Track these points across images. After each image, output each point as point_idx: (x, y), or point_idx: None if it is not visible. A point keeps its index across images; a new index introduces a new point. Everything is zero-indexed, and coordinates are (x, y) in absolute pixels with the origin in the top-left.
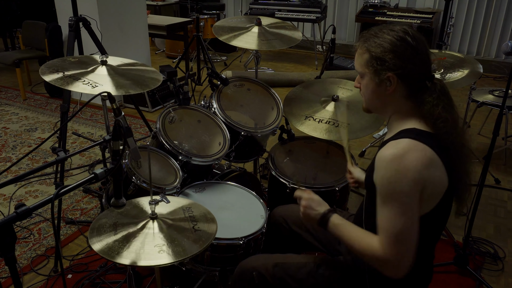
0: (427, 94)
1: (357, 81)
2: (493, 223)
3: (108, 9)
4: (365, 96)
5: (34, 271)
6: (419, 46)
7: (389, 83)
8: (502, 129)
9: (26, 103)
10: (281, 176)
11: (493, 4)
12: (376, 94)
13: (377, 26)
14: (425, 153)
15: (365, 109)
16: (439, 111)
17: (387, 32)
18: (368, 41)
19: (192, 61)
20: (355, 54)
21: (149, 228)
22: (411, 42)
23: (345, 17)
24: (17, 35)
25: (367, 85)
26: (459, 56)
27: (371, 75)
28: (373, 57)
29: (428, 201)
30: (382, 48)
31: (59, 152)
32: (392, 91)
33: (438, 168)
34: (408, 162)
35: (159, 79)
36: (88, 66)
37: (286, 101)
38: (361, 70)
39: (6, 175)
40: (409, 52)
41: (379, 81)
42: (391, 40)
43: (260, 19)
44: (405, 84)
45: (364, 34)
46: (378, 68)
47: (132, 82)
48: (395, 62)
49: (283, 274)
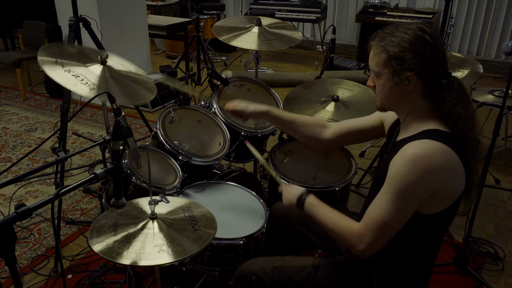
0: (445, 93)
1: (371, 80)
2: (493, 223)
3: (108, 9)
4: (380, 95)
5: (34, 271)
6: (436, 44)
7: (407, 82)
8: (502, 129)
9: (26, 103)
10: (281, 176)
11: (493, 4)
12: (393, 93)
13: (391, 25)
14: (447, 156)
15: (380, 108)
16: (458, 110)
17: (404, 31)
18: (385, 40)
19: (192, 61)
20: (369, 53)
21: (149, 228)
22: (429, 41)
23: (345, 17)
24: (17, 35)
25: (384, 84)
26: (459, 56)
27: (390, 75)
28: (392, 56)
29: (440, 202)
30: (401, 48)
31: (59, 152)
32: (410, 90)
33: (459, 171)
34: (429, 164)
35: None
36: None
37: (286, 101)
38: (378, 69)
39: (6, 175)
40: (428, 50)
41: (398, 80)
42: (410, 39)
43: (260, 19)
44: (423, 83)
45: (378, 33)
46: (397, 68)
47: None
48: (415, 61)
49: (282, 277)
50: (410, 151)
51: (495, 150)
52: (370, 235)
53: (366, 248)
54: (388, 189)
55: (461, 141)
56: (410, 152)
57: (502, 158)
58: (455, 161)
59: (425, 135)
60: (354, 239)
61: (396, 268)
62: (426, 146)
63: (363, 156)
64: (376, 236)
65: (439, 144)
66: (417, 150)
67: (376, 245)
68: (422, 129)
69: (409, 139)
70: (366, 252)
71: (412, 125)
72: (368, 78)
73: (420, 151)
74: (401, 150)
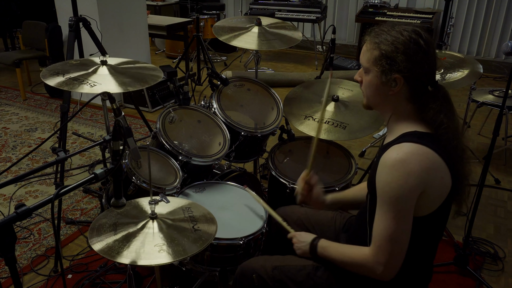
0: (431, 100)
1: (358, 74)
2: (493, 223)
3: (108, 9)
4: (365, 92)
5: (34, 271)
6: (429, 50)
7: (394, 84)
8: (502, 129)
9: (26, 103)
10: (281, 176)
11: (493, 4)
12: (378, 92)
13: (388, 23)
14: (427, 156)
15: (366, 106)
16: (441, 118)
17: (400, 31)
18: (379, 37)
19: (192, 61)
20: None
21: (149, 228)
22: (423, 46)
23: (345, 17)
24: (17, 35)
25: (370, 81)
26: (459, 56)
27: (378, 73)
28: (383, 55)
29: (429, 203)
30: (393, 48)
31: (59, 152)
32: (395, 92)
33: (442, 171)
34: (410, 167)
35: (159, 76)
36: (89, 68)
37: (286, 101)
38: (368, 65)
39: (6, 175)
40: (420, 56)
41: (385, 80)
42: (404, 41)
43: (260, 19)
44: (410, 86)
45: (374, 29)
46: (386, 67)
47: (134, 80)
48: (406, 64)
49: (283, 276)
50: (390, 158)
51: (495, 150)
52: (383, 254)
53: (385, 268)
54: (381, 202)
55: (445, 147)
56: (390, 159)
57: (502, 158)
58: (436, 161)
59: (403, 138)
60: (370, 264)
61: None
62: (404, 150)
63: (363, 156)
64: (389, 253)
65: (417, 146)
66: (396, 155)
67: (394, 262)
68: (402, 132)
69: (390, 144)
70: (387, 273)
71: (395, 128)
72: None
73: (399, 156)
74: (382, 158)
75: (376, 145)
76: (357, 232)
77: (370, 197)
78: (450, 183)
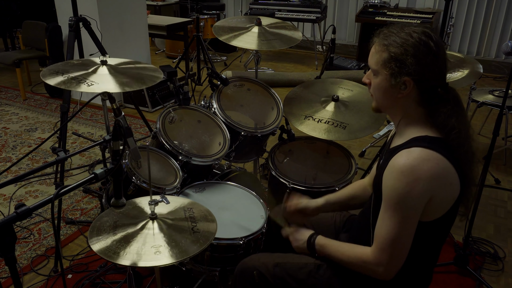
0: (441, 104)
1: (367, 77)
2: (493, 223)
3: (108, 9)
4: (375, 94)
5: (34, 271)
6: (439, 52)
7: (404, 86)
8: (502, 129)
9: (26, 103)
10: (281, 176)
11: (493, 4)
12: (387, 95)
13: (397, 24)
14: (437, 162)
15: (375, 109)
16: (453, 122)
17: (410, 33)
18: (388, 39)
19: (192, 61)
20: (370, 49)
21: (149, 228)
22: (433, 48)
23: (345, 17)
24: (17, 35)
25: (379, 84)
26: (459, 56)
27: (387, 76)
28: (393, 58)
29: (436, 209)
30: (403, 50)
31: (59, 152)
32: (405, 95)
33: (451, 177)
34: (419, 174)
35: (159, 76)
36: (89, 68)
37: (286, 101)
38: (377, 68)
39: (6, 175)
40: (430, 58)
41: (394, 83)
42: (414, 43)
43: (260, 19)
44: (419, 90)
45: (383, 31)
46: (396, 70)
47: (134, 80)
48: (415, 67)
49: (284, 274)
50: (399, 163)
51: (495, 150)
52: (384, 255)
53: (385, 269)
54: (387, 205)
55: (455, 152)
56: (399, 164)
57: (502, 158)
58: (446, 167)
59: (414, 143)
60: (371, 265)
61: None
62: (413, 155)
63: (363, 156)
64: (391, 255)
65: (428, 151)
66: (406, 161)
67: (395, 263)
68: (412, 137)
69: (400, 147)
70: (387, 274)
71: (405, 131)
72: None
73: (408, 162)
74: (391, 162)
75: (376, 145)
76: (359, 233)
77: (374, 198)
78: (458, 189)
